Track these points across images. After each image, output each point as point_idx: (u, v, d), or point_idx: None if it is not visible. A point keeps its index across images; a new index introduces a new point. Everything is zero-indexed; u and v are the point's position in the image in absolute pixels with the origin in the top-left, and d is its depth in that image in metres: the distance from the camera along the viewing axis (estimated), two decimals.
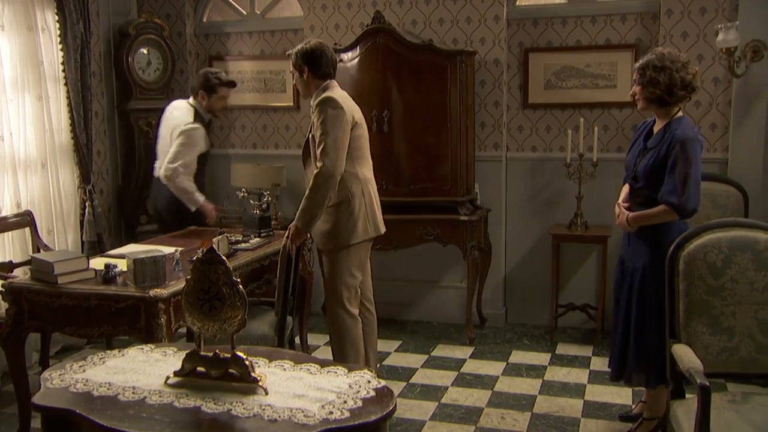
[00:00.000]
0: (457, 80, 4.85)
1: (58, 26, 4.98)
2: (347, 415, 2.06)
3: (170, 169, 4.48)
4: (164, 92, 5.80)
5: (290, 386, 2.25)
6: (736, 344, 2.88)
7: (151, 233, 5.30)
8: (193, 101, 4.69)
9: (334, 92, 3.70)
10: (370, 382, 2.27)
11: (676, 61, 3.31)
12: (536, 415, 3.92)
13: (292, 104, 5.81)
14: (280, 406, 2.12)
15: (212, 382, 2.26)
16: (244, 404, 2.14)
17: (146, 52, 5.67)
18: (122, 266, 3.50)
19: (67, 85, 5.03)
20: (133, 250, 3.81)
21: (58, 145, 5.01)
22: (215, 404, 2.14)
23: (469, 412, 3.98)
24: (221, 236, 3.95)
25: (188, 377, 2.29)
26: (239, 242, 4.20)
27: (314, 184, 3.58)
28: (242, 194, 4.52)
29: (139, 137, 5.66)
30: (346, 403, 2.13)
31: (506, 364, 4.67)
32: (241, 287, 2.22)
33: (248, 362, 2.24)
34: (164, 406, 2.16)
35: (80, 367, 2.47)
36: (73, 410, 2.15)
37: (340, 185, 3.62)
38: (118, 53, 5.63)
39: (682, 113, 3.39)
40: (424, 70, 4.90)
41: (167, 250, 3.76)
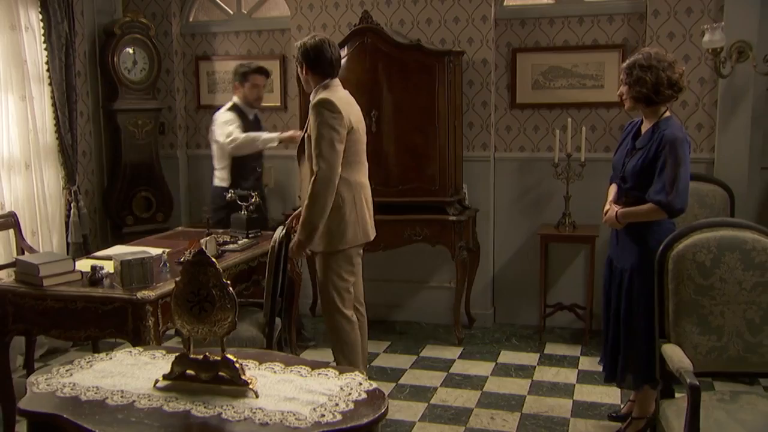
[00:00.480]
0: (445, 80, 4.84)
1: (41, 25, 4.93)
2: (339, 418, 2.04)
3: (225, 143, 4.76)
4: (150, 92, 5.76)
5: (281, 389, 2.23)
6: (724, 343, 2.89)
7: (137, 234, 5.26)
8: (234, 98, 4.91)
9: (333, 93, 3.61)
10: (361, 384, 2.26)
11: (662, 60, 3.32)
12: (525, 415, 3.92)
13: (279, 104, 5.78)
14: (271, 409, 2.10)
15: (202, 385, 2.24)
16: (234, 408, 2.11)
17: (132, 51, 5.62)
18: (109, 268, 3.47)
19: (51, 84, 4.98)
20: (119, 251, 3.77)
21: (42, 145, 4.96)
22: (205, 408, 2.12)
23: (458, 412, 3.97)
24: (209, 237, 3.92)
25: (177, 381, 2.26)
26: (227, 243, 4.17)
27: (312, 192, 3.51)
28: (230, 195, 4.49)
29: (125, 137, 5.61)
30: (337, 405, 2.11)
31: (495, 364, 4.67)
32: (231, 289, 2.20)
33: (238, 365, 2.22)
34: (153, 410, 2.13)
35: (67, 371, 2.43)
36: (60, 415, 2.11)
37: None
38: (103, 53, 5.58)
39: (669, 113, 3.41)
40: (412, 70, 4.89)
41: (154, 251, 3.72)
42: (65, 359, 4.76)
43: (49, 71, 4.96)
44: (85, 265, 3.59)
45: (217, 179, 4.94)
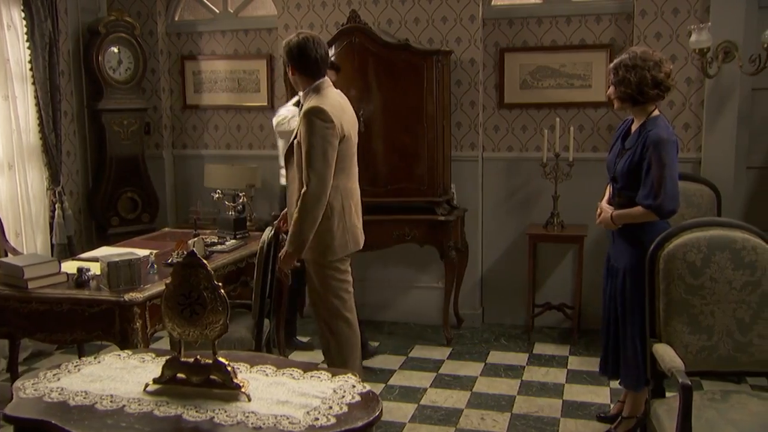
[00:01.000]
0: (433, 80, 4.82)
1: (24, 24, 4.86)
2: (333, 421, 2.02)
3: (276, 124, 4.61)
4: (136, 92, 5.70)
5: (273, 392, 2.20)
6: (715, 343, 2.90)
7: (122, 235, 5.21)
8: (301, 94, 4.50)
9: (325, 99, 3.47)
10: (354, 386, 2.24)
11: (648, 59, 3.32)
12: (516, 415, 3.92)
13: (266, 104, 5.75)
14: (264, 413, 2.08)
15: (193, 389, 2.21)
16: (227, 411, 2.09)
17: (117, 51, 5.56)
18: (95, 270, 3.43)
19: (35, 84, 4.91)
20: (106, 253, 3.73)
21: (26, 145, 4.89)
22: (197, 412, 2.09)
23: (448, 413, 3.96)
24: (197, 238, 3.89)
25: (168, 384, 2.23)
26: (215, 244, 4.13)
27: (303, 206, 3.39)
28: (217, 195, 4.45)
29: (110, 138, 5.54)
30: (331, 408, 2.09)
31: (484, 364, 4.67)
32: (222, 291, 2.17)
33: (230, 368, 2.19)
34: (144, 414, 2.10)
35: (54, 375, 2.39)
36: (48, 421, 2.08)
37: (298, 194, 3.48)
38: (87, 52, 5.51)
39: (658, 112, 3.41)
40: (400, 69, 4.87)
41: (141, 252, 3.68)
42: (50, 362, 4.70)
43: (32, 70, 4.89)
44: (70, 266, 3.55)
45: (283, 178, 4.43)
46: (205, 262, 2.17)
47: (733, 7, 4.62)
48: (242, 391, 2.17)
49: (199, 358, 2.23)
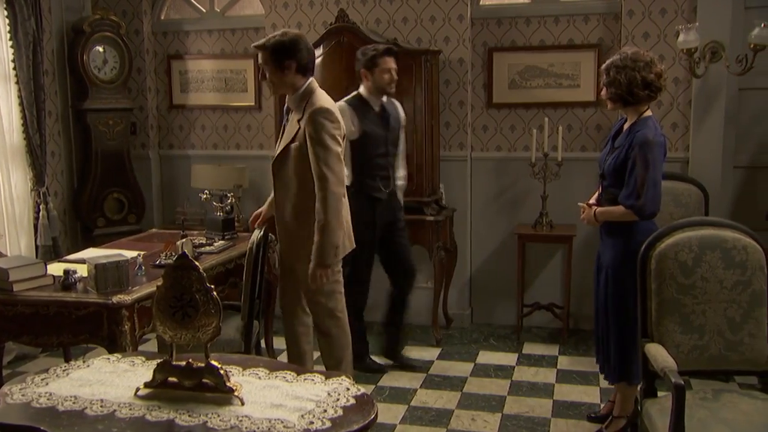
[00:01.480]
0: (422, 80, 4.81)
1: (7, 22, 4.80)
2: (328, 425, 2.00)
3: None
4: (121, 91, 5.64)
5: (267, 395, 2.17)
6: (706, 342, 2.91)
7: (108, 236, 5.15)
8: (360, 89, 4.30)
9: (324, 99, 3.41)
10: (348, 389, 2.21)
11: (638, 60, 3.33)
12: (506, 416, 3.91)
13: (253, 104, 5.71)
14: (258, 416, 2.05)
15: (185, 393, 2.17)
16: (220, 416, 2.05)
17: (102, 50, 5.49)
18: (82, 272, 3.38)
19: (18, 83, 4.84)
20: (93, 254, 3.68)
21: (9, 146, 4.83)
22: (190, 416, 2.06)
23: (439, 414, 3.95)
24: (185, 239, 3.85)
25: (159, 388, 2.20)
26: (203, 245, 4.10)
27: (328, 208, 3.27)
28: (205, 196, 4.41)
29: (95, 138, 5.48)
30: (326, 412, 2.06)
31: (474, 364, 4.66)
32: (215, 294, 2.14)
33: (223, 371, 2.16)
34: (136, 419, 2.06)
35: (42, 380, 2.35)
36: (37, 427, 2.03)
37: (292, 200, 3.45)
38: (72, 51, 5.44)
39: (650, 113, 3.42)
40: None
41: (129, 254, 3.64)
42: (35, 366, 4.64)
43: (15, 70, 4.83)
44: (57, 268, 3.50)
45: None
46: (197, 264, 2.14)
47: (719, 7, 4.64)
48: (235, 394, 2.14)
49: (191, 361, 2.20)
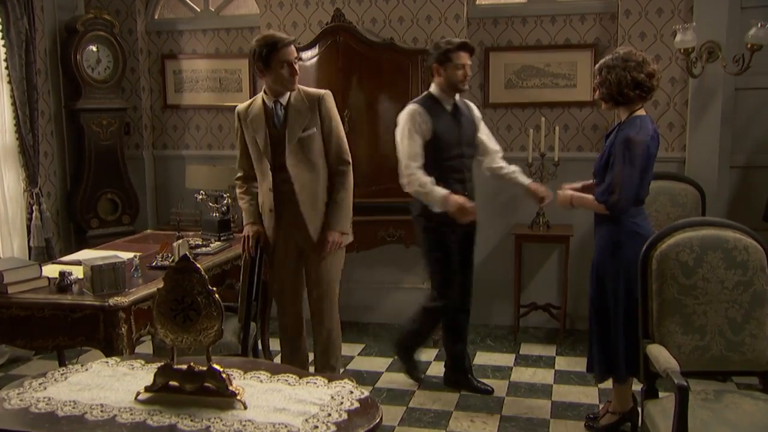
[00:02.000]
0: (418, 79, 4.79)
1: None
2: (333, 429, 1.97)
3: (402, 169, 3.93)
4: (115, 91, 5.59)
5: (269, 399, 2.15)
6: (707, 343, 2.90)
7: (102, 238, 5.10)
8: (432, 87, 4.03)
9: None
10: (352, 392, 2.19)
11: (629, 60, 3.32)
12: (505, 417, 3.89)
13: None
14: (261, 421, 2.02)
15: (187, 397, 2.14)
16: (222, 420, 2.03)
17: (95, 49, 5.44)
18: (78, 273, 3.34)
19: (11, 83, 4.79)
20: (88, 256, 3.64)
21: (2, 146, 4.78)
22: (192, 421, 2.03)
23: (438, 416, 3.92)
24: (181, 241, 3.80)
25: (160, 392, 2.16)
26: (199, 247, 4.06)
27: (348, 182, 3.71)
28: (201, 197, 4.38)
29: (89, 138, 5.43)
30: (330, 416, 2.04)
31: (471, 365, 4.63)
32: (217, 296, 2.11)
33: (225, 375, 2.13)
34: (137, 424, 2.03)
35: (40, 384, 2.31)
36: None
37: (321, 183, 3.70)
38: (65, 50, 5.39)
39: (643, 112, 3.40)
40: (385, 69, 4.83)
41: (125, 255, 3.60)
42: (28, 368, 4.59)
43: (8, 69, 4.78)
44: (52, 270, 3.46)
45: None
46: (198, 266, 2.11)
47: (716, 7, 4.65)
48: (238, 398, 2.11)
49: (192, 365, 2.16)
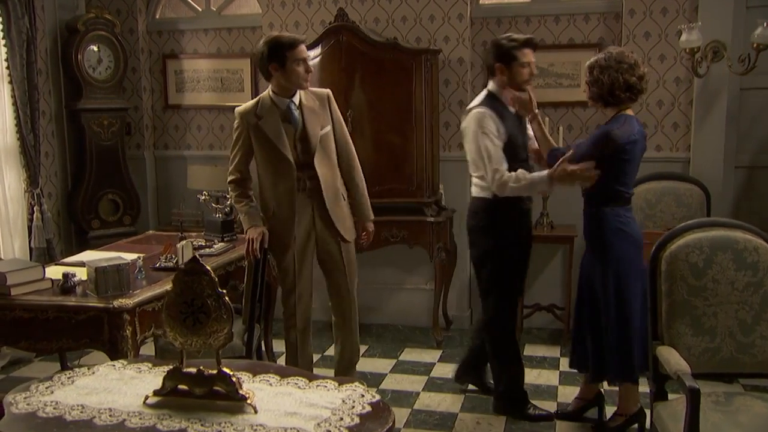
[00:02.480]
0: (422, 79, 4.77)
1: (0, 21, 4.71)
2: None
3: (491, 176, 3.54)
4: (116, 91, 5.56)
5: (280, 403, 2.12)
6: (717, 344, 2.88)
7: (103, 238, 5.07)
8: (491, 86, 3.75)
9: None
10: (363, 396, 2.17)
11: (622, 62, 3.30)
12: (511, 419, 3.87)
13: None
14: (272, 425, 1.99)
15: (196, 401, 2.11)
16: (233, 425, 2.00)
17: (96, 49, 5.41)
18: (81, 275, 3.31)
19: (12, 83, 4.77)
20: (91, 257, 3.61)
21: (2, 146, 4.75)
22: (202, 426, 2.00)
23: (443, 417, 3.90)
24: (185, 242, 3.77)
25: (169, 396, 2.14)
26: (203, 248, 4.03)
27: (362, 174, 3.92)
28: (204, 197, 4.35)
29: (90, 138, 5.40)
30: (342, 420, 2.01)
31: None
32: (227, 299, 2.08)
33: (235, 378, 2.10)
34: (147, 429, 2.00)
35: (47, 388, 2.28)
36: None
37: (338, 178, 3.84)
38: (66, 50, 5.35)
39: (631, 112, 3.40)
40: (388, 69, 4.81)
41: (128, 256, 3.57)
42: (29, 370, 4.56)
43: (9, 69, 4.75)
44: (55, 272, 3.43)
45: (476, 188, 3.76)
46: (208, 268, 2.08)
47: (721, 7, 4.63)
48: (248, 402, 2.09)
49: (202, 368, 2.14)
